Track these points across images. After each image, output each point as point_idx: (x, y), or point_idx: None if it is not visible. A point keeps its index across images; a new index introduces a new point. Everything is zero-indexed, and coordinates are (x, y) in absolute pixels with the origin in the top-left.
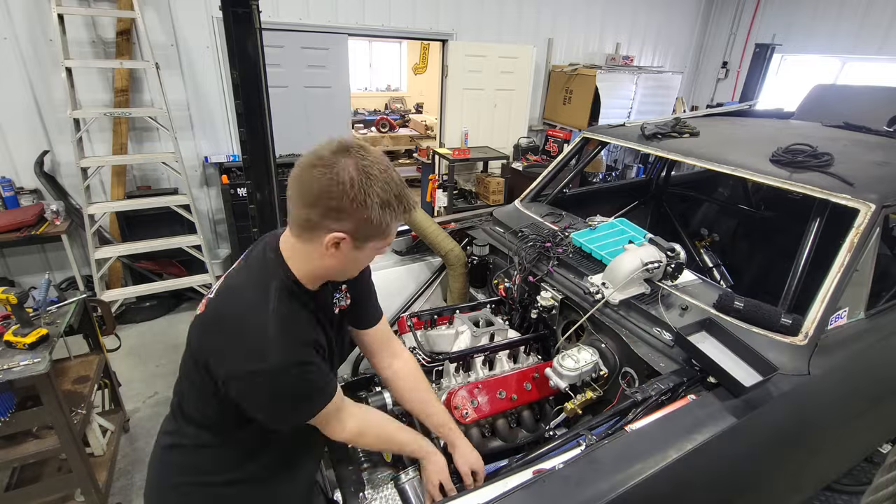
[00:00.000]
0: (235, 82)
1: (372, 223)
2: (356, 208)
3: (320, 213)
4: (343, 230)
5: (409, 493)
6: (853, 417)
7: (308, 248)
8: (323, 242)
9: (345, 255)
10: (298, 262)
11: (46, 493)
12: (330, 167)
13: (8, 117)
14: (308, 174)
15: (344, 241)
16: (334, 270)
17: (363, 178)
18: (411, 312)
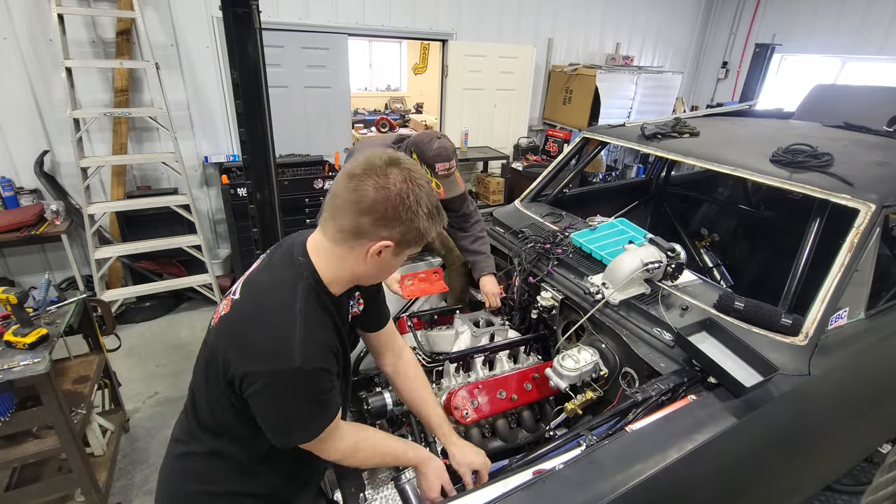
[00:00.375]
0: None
1: (417, 231)
2: (409, 217)
3: (372, 220)
4: (390, 238)
5: (409, 493)
6: (853, 417)
7: (349, 254)
8: (368, 249)
9: (384, 261)
10: (330, 266)
11: (46, 493)
12: (385, 177)
13: (8, 117)
14: (362, 184)
15: (388, 248)
16: (368, 276)
17: (414, 188)
18: (411, 313)
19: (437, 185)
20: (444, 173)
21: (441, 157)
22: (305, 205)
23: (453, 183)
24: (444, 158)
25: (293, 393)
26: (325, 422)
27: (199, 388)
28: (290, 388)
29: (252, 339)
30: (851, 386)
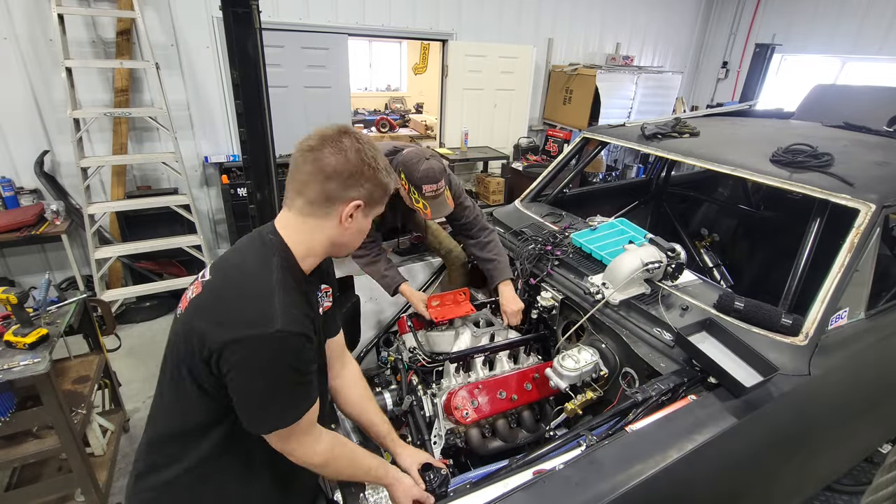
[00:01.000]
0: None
1: (381, 186)
2: (370, 173)
3: (339, 183)
4: (359, 197)
5: None
6: (853, 417)
7: (322, 223)
8: (341, 213)
9: (356, 223)
10: (302, 241)
11: (46, 493)
12: (339, 143)
13: (8, 117)
14: (320, 153)
15: (359, 208)
16: (343, 242)
17: (367, 148)
18: (411, 313)
19: (424, 206)
20: (430, 194)
21: (428, 178)
22: None
23: (442, 204)
24: (432, 180)
25: (275, 361)
26: (305, 403)
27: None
28: (271, 354)
29: (229, 308)
30: (851, 386)
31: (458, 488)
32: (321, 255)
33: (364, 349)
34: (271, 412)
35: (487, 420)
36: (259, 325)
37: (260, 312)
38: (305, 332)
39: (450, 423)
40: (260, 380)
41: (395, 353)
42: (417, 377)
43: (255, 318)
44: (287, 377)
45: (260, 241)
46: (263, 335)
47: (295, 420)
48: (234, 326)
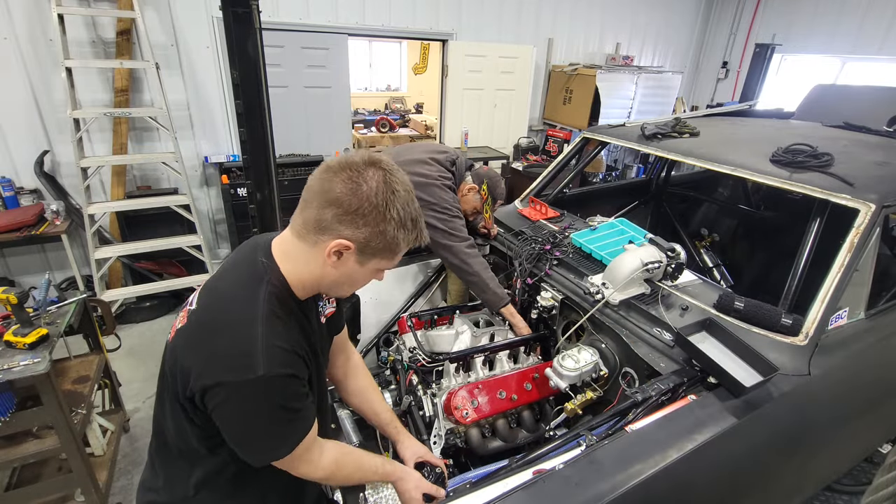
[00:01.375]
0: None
1: (384, 237)
2: (373, 217)
3: (335, 214)
4: (352, 238)
5: None
6: (853, 417)
7: (310, 251)
8: (326, 248)
9: (345, 267)
10: (294, 266)
11: (46, 493)
12: (358, 173)
13: (8, 117)
14: (334, 177)
15: (348, 250)
16: (328, 283)
17: (388, 191)
18: (411, 313)
19: (490, 217)
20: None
21: (503, 196)
22: None
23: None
24: (504, 198)
25: (260, 404)
26: (298, 434)
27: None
28: (255, 398)
29: (211, 349)
30: (851, 386)
31: (458, 488)
32: (311, 290)
33: (364, 349)
34: (263, 448)
35: (487, 420)
36: (241, 371)
37: (242, 355)
38: (293, 372)
39: (450, 423)
40: (246, 422)
41: (395, 353)
42: (417, 377)
43: (237, 362)
44: (275, 417)
45: (252, 263)
46: (246, 381)
47: (292, 448)
48: (216, 370)
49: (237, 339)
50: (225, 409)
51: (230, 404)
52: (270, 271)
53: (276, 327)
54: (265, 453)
